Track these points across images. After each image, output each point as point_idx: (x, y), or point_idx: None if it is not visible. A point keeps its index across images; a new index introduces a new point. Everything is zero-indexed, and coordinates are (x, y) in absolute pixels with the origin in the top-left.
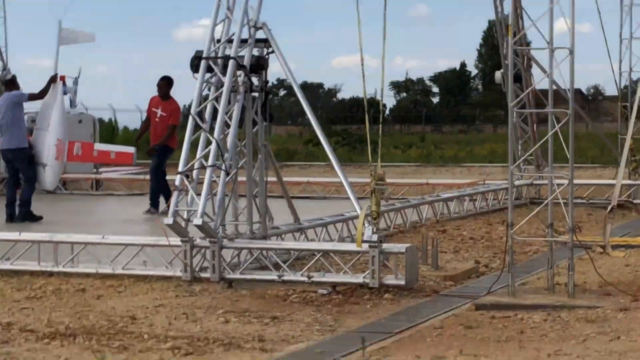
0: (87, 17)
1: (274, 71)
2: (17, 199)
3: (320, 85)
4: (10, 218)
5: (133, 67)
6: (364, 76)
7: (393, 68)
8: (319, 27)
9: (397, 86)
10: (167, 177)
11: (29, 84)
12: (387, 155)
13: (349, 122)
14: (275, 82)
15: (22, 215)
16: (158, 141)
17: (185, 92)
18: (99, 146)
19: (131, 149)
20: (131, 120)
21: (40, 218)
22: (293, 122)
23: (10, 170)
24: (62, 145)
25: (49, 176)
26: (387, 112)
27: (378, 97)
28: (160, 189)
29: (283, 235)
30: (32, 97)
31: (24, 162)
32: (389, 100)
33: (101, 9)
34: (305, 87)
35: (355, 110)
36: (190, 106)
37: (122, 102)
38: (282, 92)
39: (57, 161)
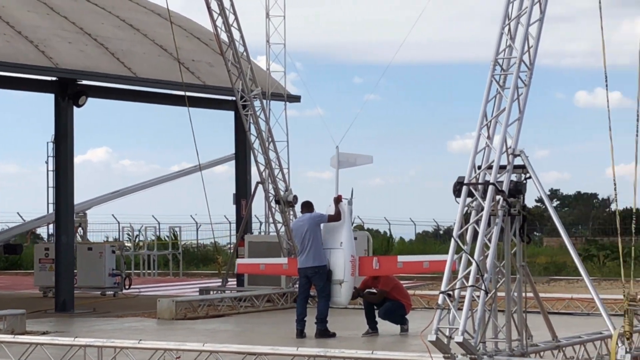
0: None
1: (547, 181)
2: (306, 315)
3: (595, 196)
4: (300, 334)
5: (408, 179)
6: (635, 188)
7: None
8: (594, 138)
9: None
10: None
11: (309, 194)
12: None
13: (623, 234)
14: (548, 193)
15: (320, 332)
16: None
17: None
18: (403, 258)
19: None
20: (406, 231)
21: (334, 335)
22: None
23: (303, 287)
24: (355, 261)
25: (345, 292)
26: None
27: None
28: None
29: (542, 353)
30: (330, 218)
31: (323, 279)
32: None
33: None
34: (579, 197)
35: (629, 222)
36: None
37: (395, 214)
38: (555, 203)
39: (352, 277)
